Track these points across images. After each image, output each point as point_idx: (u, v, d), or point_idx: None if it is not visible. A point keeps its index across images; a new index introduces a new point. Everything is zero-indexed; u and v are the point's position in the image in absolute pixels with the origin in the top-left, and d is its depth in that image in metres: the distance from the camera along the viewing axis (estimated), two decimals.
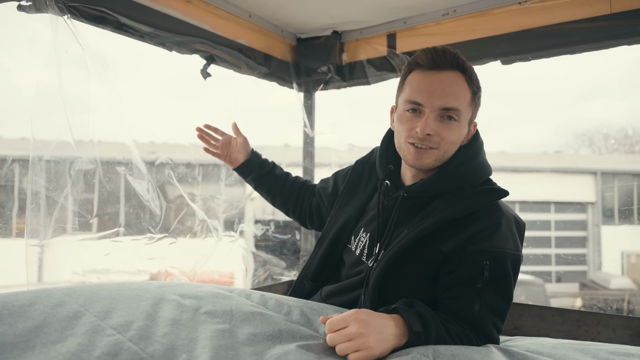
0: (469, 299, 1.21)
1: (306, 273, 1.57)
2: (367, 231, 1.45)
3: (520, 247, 1.29)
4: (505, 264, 1.22)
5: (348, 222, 1.52)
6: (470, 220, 1.24)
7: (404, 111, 1.31)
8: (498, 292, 1.22)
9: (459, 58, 1.28)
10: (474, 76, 1.31)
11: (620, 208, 8.50)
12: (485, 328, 1.22)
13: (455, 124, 1.27)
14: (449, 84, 1.26)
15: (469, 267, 1.21)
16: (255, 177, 1.80)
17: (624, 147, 9.73)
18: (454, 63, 1.27)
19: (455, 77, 1.27)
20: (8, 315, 0.88)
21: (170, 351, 0.89)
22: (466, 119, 1.30)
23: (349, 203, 1.55)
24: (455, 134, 1.28)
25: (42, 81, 1.45)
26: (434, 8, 2.02)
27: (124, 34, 1.69)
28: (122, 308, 0.99)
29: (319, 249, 1.56)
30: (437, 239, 1.25)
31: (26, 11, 1.42)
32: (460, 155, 1.33)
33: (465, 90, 1.27)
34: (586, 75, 11.31)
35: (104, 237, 1.77)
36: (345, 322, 1.04)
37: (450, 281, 1.24)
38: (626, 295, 7.92)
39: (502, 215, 1.26)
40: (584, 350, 1.14)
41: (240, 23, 2.09)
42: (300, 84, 2.45)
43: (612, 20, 1.71)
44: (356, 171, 1.60)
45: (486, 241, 1.22)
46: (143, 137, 1.90)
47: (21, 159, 1.57)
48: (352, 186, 1.58)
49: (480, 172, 1.34)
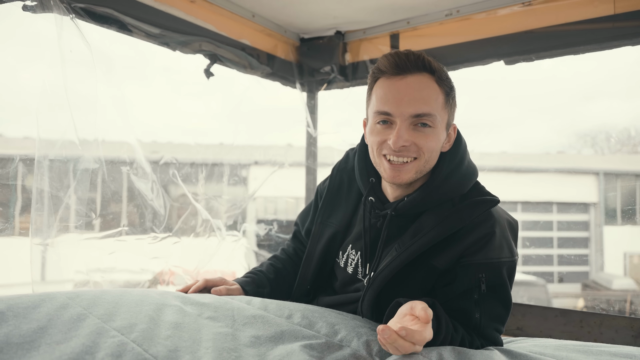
0: (468, 310, 1.20)
1: (300, 291, 1.48)
2: (355, 248, 1.38)
3: (515, 248, 1.26)
4: (501, 273, 1.20)
5: (335, 237, 1.42)
6: (463, 232, 1.20)
7: (374, 124, 1.23)
8: (497, 300, 1.21)
9: (424, 59, 1.18)
10: (444, 75, 1.21)
11: (623, 209, 8.48)
12: (489, 334, 1.22)
13: (431, 131, 1.19)
14: (417, 89, 1.17)
15: (465, 280, 1.19)
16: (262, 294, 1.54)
17: (626, 147, 9.70)
18: (420, 65, 1.18)
19: (423, 79, 1.18)
20: (13, 316, 0.89)
21: (174, 352, 0.89)
22: (442, 123, 1.22)
23: (332, 215, 1.46)
24: (433, 141, 1.19)
25: (48, 80, 1.46)
26: (437, 8, 2.01)
27: (128, 33, 1.69)
28: (125, 312, 1.00)
29: (309, 266, 1.45)
30: (430, 255, 1.21)
31: (32, 11, 1.42)
32: (447, 165, 1.26)
33: (436, 93, 1.19)
34: (589, 75, 11.29)
35: (108, 236, 1.77)
36: (415, 340, 0.97)
37: (448, 294, 1.22)
38: (628, 296, 7.91)
39: (495, 223, 1.21)
40: (587, 351, 1.14)
41: (244, 23, 2.09)
42: (304, 84, 2.45)
43: (616, 21, 1.71)
44: (334, 181, 1.50)
45: (480, 252, 1.18)
46: (147, 136, 1.90)
47: (25, 158, 1.58)
48: (332, 197, 1.48)
49: (468, 178, 1.28)
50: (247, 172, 2.77)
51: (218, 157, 2.04)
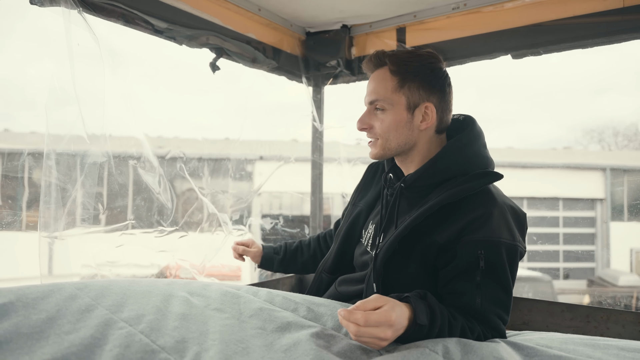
0: (470, 293, 1.22)
1: (324, 267, 1.63)
2: (374, 222, 1.51)
3: (519, 237, 1.28)
4: (500, 253, 1.22)
5: (359, 216, 1.60)
6: (464, 209, 1.25)
7: None
8: (497, 282, 1.23)
9: (382, 55, 1.39)
10: (401, 63, 1.37)
11: (630, 204, 8.44)
12: (491, 320, 1.22)
13: (382, 113, 1.38)
14: (374, 82, 1.40)
15: (465, 258, 1.22)
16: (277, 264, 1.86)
17: (633, 143, 9.65)
18: (378, 62, 1.40)
19: (379, 73, 1.40)
20: (22, 307, 0.89)
21: (181, 343, 0.90)
22: (399, 104, 1.37)
23: (362, 199, 1.63)
24: (386, 121, 1.37)
25: (56, 75, 1.46)
26: (444, 1, 2.00)
27: (135, 27, 1.69)
28: (133, 303, 1.01)
29: (335, 243, 1.62)
30: (433, 229, 1.27)
31: (39, 4, 1.43)
32: (452, 144, 1.36)
33: (387, 80, 1.37)
34: (597, 70, 11.21)
35: (116, 229, 1.78)
36: (378, 323, 1.02)
37: (449, 273, 1.25)
38: (635, 292, 7.88)
39: (495, 204, 1.26)
40: (594, 345, 1.14)
41: (250, 17, 2.09)
42: (310, 78, 2.44)
43: (625, 14, 1.69)
44: (370, 170, 1.70)
45: (479, 230, 1.22)
46: (154, 131, 1.91)
47: (33, 152, 1.59)
48: (365, 183, 1.68)
49: (476, 162, 1.35)
50: (253, 167, 2.77)
51: (224, 152, 2.04)
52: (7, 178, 1.66)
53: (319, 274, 1.64)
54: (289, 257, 1.86)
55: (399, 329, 1.05)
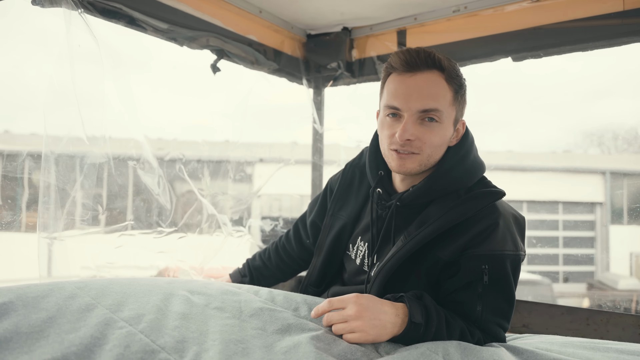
0: (471, 303, 1.20)
1: (309, 281, 1.55)
2: (364, 240, 1.43)
3: (521, 244, 1.26)
4: (504, 266, 1.20)
5: (344, 229, 1.49)
6: (467, 224, 1.21)
7: (384, 117, 1.28)
8: (500, 293, 1.22)
9: (434, 56, 1.22)
10: (455, 73, 1.25)
11: (629, 208, 8.43)
12: (490, 329, 1.22)
13: (437, 126, 1.23)
14: (426, 86, 1.21)
15: (469, 271, 1.20)
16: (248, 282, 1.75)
17: (633, 147, 9.64)
18: (430, 62, 1.22)
19: (432, 77, 1.22)
20: (22, 306, 0.89)
21: (181, 343, 0.90)
22: (449, 118, 1.25)
23: (342, 208, 1.52)
24: (437, 136, 1.23)
25: (55, 76, 1.46)
26: (444, 4, 2.01)
27: (136, 28, 1.70)
28: (133, 302, 1.00)
29: (319, 257, 1.53)
30: (435, 246, 1.23)
31: (40, 5, 1.43)
32: (451, 158, 1.29)
33: (444, 90, 1.23)
34: (597, 73, 11.20)
35: (114, 230, 1.78)
36: (344, 304, 1.08)
37: (452, 285, 1.23)
38: (634, 296, 7.86)
39: (500, 215, 1.22)
40: (594, 348, 1.14)
41: (251, 19, 2.10)
42: (310, 80, 2.45)
43: (625, 18, 1.70)
44: (347, 175, 1.56)
45: (484, 244, 1.19)
46: (153, 133, 1.91)
47: (32, 154, 1.58)
48: (343, 191, 1.54)
49: (473, 172, 1.30)
50: (253, 169, 2.77)
51: (224, 154, 2.04)
52: (7, 179, 1.66)
53: (305, 288, 1.56)
54: (256, 276, 1.76)
55: (376, 319, 1.06)
